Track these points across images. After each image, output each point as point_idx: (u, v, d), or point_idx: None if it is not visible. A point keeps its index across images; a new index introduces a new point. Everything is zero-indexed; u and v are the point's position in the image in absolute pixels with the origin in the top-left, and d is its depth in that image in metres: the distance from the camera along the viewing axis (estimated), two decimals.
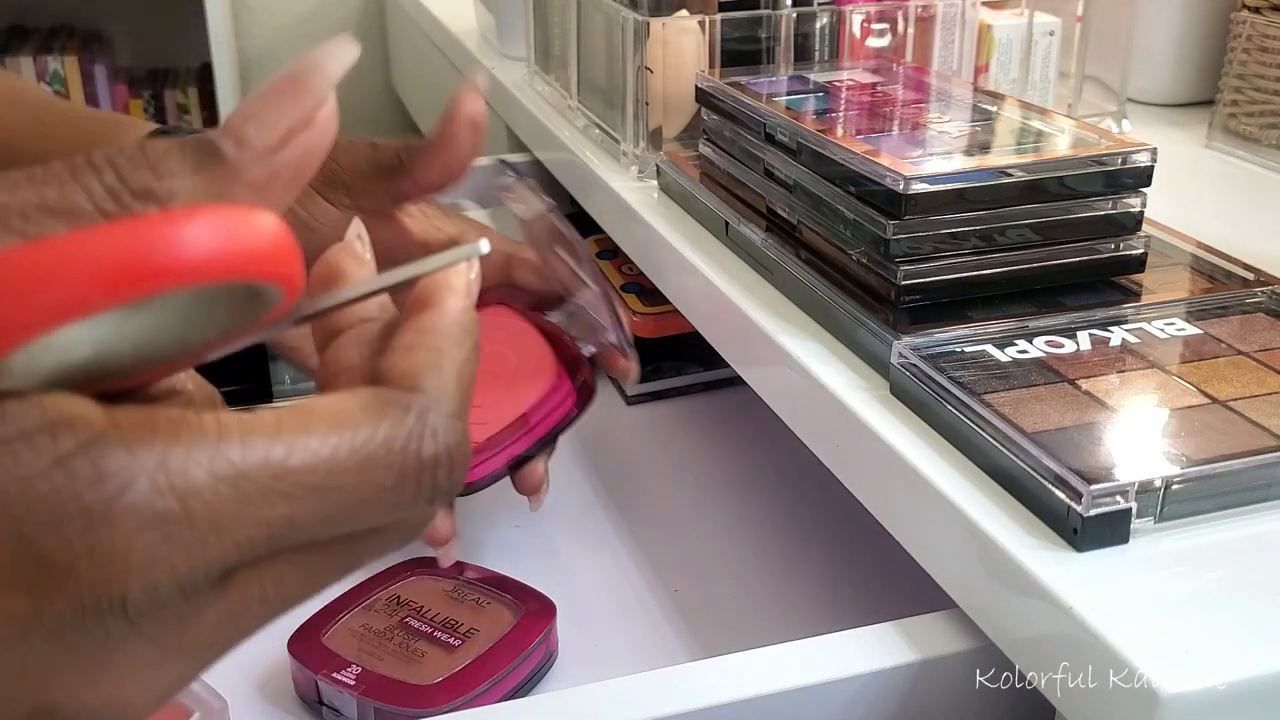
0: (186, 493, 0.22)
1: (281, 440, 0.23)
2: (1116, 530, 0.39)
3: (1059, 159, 0.53)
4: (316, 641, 0.54)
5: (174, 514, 0.22)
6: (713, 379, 0.81)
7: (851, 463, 0.49)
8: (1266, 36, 0.80)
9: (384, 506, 0.25)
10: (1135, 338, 0.50)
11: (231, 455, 0.22)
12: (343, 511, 0.24)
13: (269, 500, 0.23)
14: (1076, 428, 0.43)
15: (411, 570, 0.59)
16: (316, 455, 0.23)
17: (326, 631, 0.54)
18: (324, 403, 0.24)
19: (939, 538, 0.44)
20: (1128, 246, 0.54)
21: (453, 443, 0.25)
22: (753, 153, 0.63)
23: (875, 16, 0.75)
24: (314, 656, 0.53)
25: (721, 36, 0.72)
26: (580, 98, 0.85)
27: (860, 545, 0.63)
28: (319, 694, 0.52)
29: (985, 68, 0.82)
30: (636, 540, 0.65)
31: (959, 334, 0.49)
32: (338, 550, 0.25)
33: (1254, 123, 0.81)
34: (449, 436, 0.25)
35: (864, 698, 0.43)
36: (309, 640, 0.54)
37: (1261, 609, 0.36)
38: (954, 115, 0.60)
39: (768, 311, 0.57)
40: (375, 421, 0.24)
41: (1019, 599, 0.39)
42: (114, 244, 0.21)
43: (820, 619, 0.58)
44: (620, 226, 0.76)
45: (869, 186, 0.52)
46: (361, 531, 0.25)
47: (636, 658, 0.57)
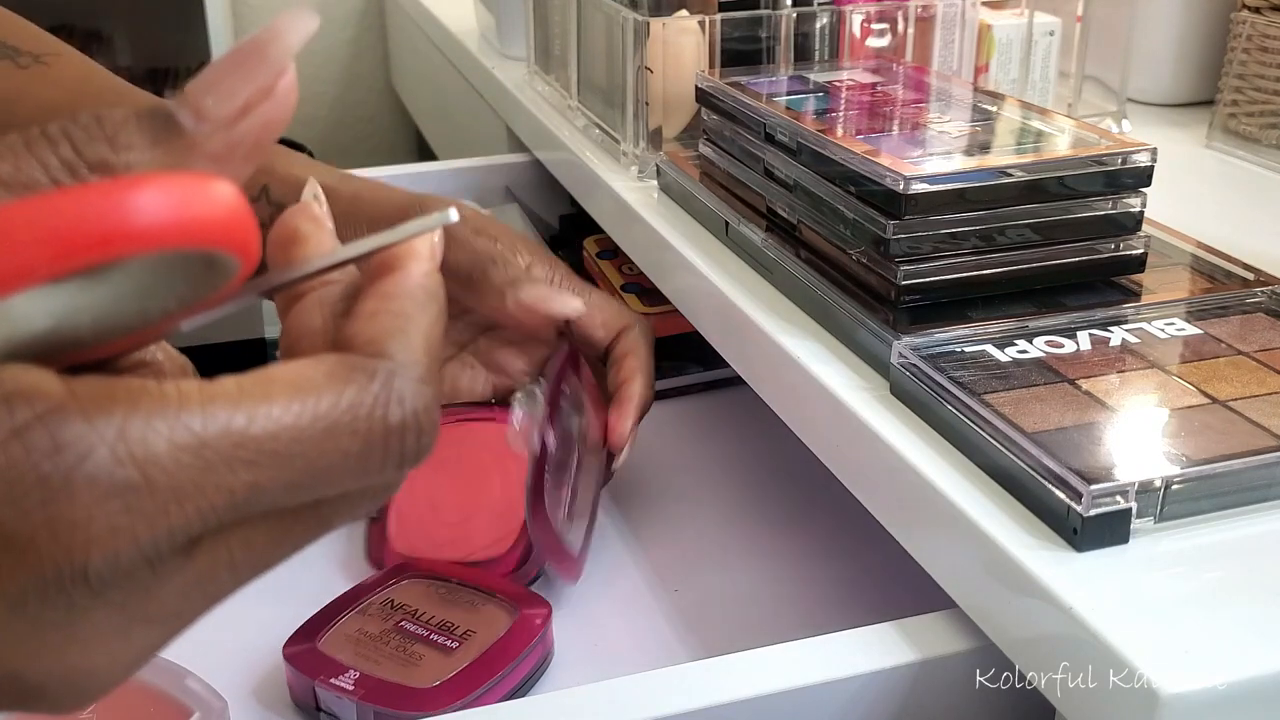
0: (146, 461, 0.22)
1: (243, 407, 0.23)
2: (1116, 530, 0.39)
3: (1059, 159, 0.52)
4: (312, 647, 0.54)
5: (134, 483, 0.22)
6: (713, 379, 0.81)
7: (851, 463, 0.49)
8: (1266, 36, 0.80)
9: (350, 473, 0.24)
10: (1135, 338, 0.50)
11: (192, 423, 0.22)
12: (308, 478, 0.24)
13: (231, 467, 0.22)
14: (1076, 428, 0.43)
15: (404, 573, 0.59)
16: (279, 423, 0.23)
17: (322, 637, 0.54)
18: (287, 369, 0.24)
19: (939, 537, 0.44)
20: (1128, 246, 0.54)
21: (420, 408, 0.25)
22: (753, 153, 0.63)
23: (875, 16, 0.75)
24: (310, 662, 0.53)
25: (721, 36, 0.72)
26: (580, 98, 0.85)
27: (860, 545, 0.63)
28: (316, 700, 0.52)
29: (985, 68, 0.82)
30: (636, 540, 0.65)
31: (959, 334, 0.49)
32: (305, 516, 0.25)
33: (1254, 123, 0.81)
34: (416, 401, 0.25)
35: (864, 698, 0.43)
36: (304, 646, 0.54)
37: (1261, 609, 0.36)
38: (954, 115, 0.60)
39: (768, 311, 0.57)
40: (339, 388, 0.24)
41: (1019, 599, 0.39)
42: (65, 210, 0.21)
43: (820, 619, 0.58)
44: (620, 226, 0.76)
45: (869, 186, 0.52)
46: (329, 497, 0.25)
47: (636, 658, 0.56)
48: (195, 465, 0.22)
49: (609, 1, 0.75)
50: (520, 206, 1.00)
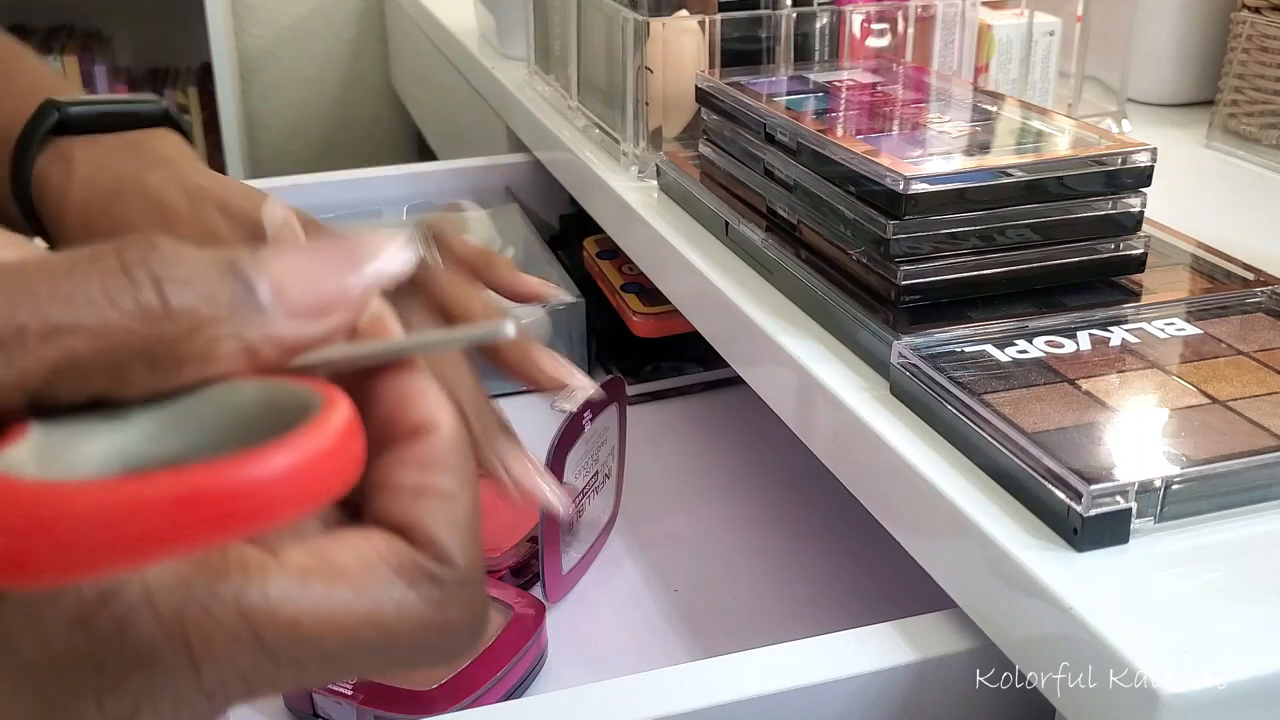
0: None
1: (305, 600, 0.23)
2: (1116, 530, 0.39)
3: (1059, 159, 0.52)
4: None
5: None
6: (713, 379, 0.81)
7: (851, 463, 0.49)
8: (1266, 36, 0.80)
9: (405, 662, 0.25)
10: (1135, 338, 0.50)
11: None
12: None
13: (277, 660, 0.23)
14: (1076, 428, 0.43)
15: None
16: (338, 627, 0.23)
17: None
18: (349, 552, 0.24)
19: (939, 537, 0.44)
20: (1128, 246, 0.54)
21: (481, 615, 0.25)
22: (753, 153, 0.63)
23: (875, 16, 0.75)
24: None
25: (721, 36, 0.72)
26: (580, 98, 0.85)
27: (860, 545, 0.63)
28: (313, 706, 0.52)
29: (985, 68, 0.82)
30: (636, 540, 0.65)
31: (959, 334, 0.49)
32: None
33: (1254, 123, 0.81)
34: (474, 609, 0.25)
35: (864, 698, 0.43)
36: None
37: (1261, 609, 0.36)
38: (954, 115, 0.60)
39: (768, 311, 0.57)
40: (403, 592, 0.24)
41: (1019, 599, 0.39)
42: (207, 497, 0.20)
43: (820, 619, 0.58)
44: (620, 226, 0.76)
45: (869, 186, 0.52)
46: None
47: (636, 658, 0.56)
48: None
49: (609, 1, 0.75)
50: (520, 206, 1.00)
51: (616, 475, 0.64)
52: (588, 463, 0.60)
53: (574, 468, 0.58)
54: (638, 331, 0.80)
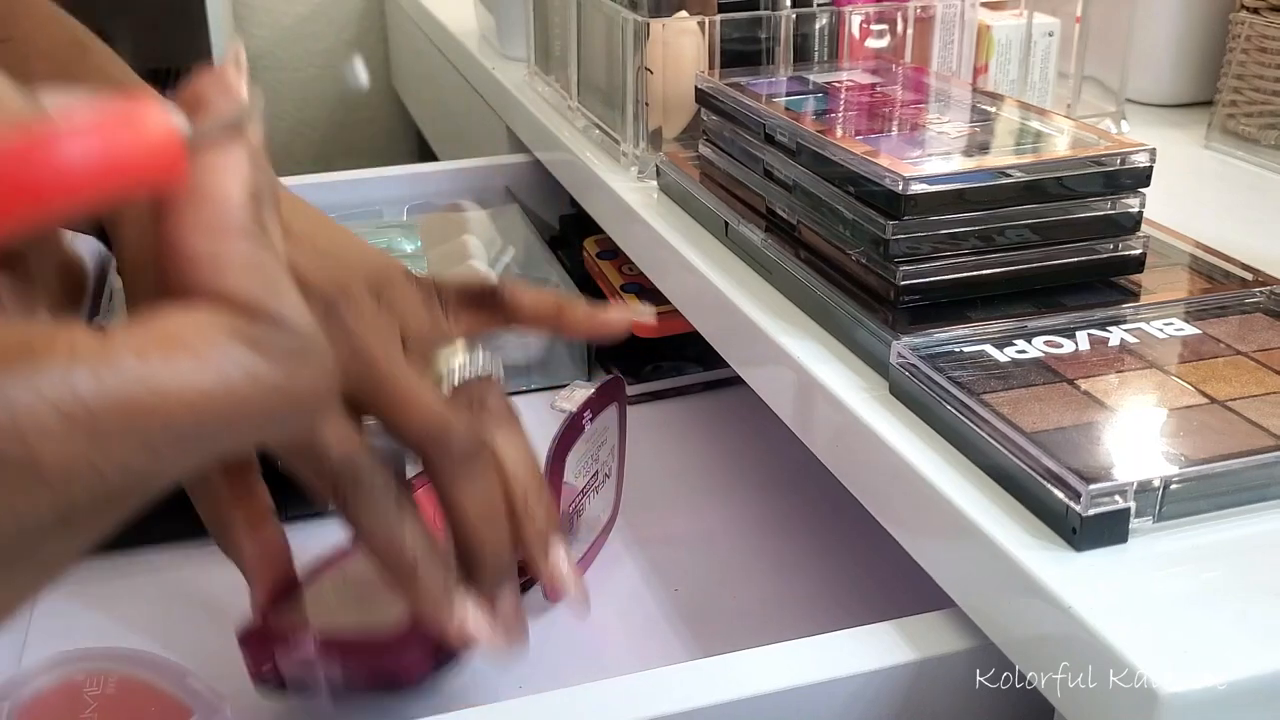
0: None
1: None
2: (1115, 530, 0.39)
3: (1058, 159, 0.53)
4: (264, 627, 0.49)
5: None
6: (713, 379, 0.81)
7: (851, 463, 0.49)
8: (1265, 37, 0.80)
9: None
10: (1134, 338, 0.50)
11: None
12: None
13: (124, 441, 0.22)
14: (1075, 427, 0.43)
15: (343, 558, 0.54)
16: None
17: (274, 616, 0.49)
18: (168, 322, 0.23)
19: (938, 537, 0.44)
20: (1126, 247, 0.54)
21: (325, 378, 0.25)
22: (752, 153, 0.63)
23: (874, 17, 0.75)
24: (263, 642, 0.48)
25: (721, 37, 0.73)
26: (580, 98, 0.85)
27: (860, 545, 0.63)
28: (281, 680, 0.49)
29: (984, 68, 0.82)
30: (636, 539, 0.65)
31: (958, 334, 0.49)
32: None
33: (1253, 123, 0.81)
34: (321, 371, 0.25)
35: (863, 697, 0.43)
36: (256, 631, 0.49)
37: (1261, 609, 0.37)
38: (953, 116, 0.60)
39: (767, 311, 0.57)
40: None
41: (1018, 598, 0.39)
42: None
43: (820, 619, 0.58)
44: (620, 226, 0.76)
45: (868, 187, 0.52)
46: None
47: (636, 657, 0.57)
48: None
49: (609, 2, 0.75)
50: (520, 206, 1.00)
51: (616, 475, 0.64)
52: (588, 462, 0.60)
53: (574, 467, 0.58)
54: (638, 331, 0.80)
